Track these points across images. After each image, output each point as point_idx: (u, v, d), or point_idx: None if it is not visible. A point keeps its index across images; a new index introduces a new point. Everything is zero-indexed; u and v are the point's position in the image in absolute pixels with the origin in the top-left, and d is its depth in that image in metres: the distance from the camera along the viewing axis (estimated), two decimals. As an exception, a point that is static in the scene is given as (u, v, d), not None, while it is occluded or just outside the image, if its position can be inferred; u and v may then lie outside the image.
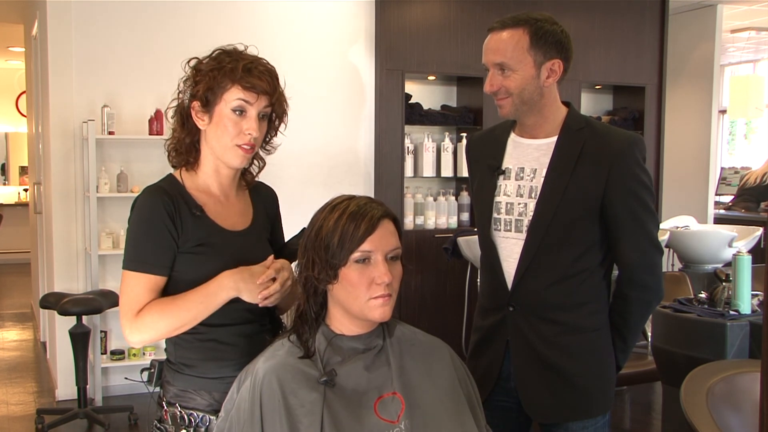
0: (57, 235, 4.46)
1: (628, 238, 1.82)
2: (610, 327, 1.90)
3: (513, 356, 1.89)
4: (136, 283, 1.58)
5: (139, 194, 1.64)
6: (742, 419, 2.14)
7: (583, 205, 1.80)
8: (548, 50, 1.79)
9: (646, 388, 4.53)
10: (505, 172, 1.89)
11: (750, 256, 2.96)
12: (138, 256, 1.59)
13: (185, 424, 1.64)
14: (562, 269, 1.83)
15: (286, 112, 1.70)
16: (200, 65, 1.63)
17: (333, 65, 5.01)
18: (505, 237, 1.88)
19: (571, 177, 1.79)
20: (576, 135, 1.83)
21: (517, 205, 1.86)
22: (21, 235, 9.09)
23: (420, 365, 1.56)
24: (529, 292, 1.84)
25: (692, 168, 6.60)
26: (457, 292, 5.08)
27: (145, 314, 1.57)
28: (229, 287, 1.58)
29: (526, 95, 1.80)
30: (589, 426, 1.87)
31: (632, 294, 1.86)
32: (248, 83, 1.58)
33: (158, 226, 1.59)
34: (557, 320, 1.84)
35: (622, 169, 1.78)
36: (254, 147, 1.64)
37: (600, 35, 5.58)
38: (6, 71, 10.03)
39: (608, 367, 1.90)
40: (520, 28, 1.78)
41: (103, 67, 4.45)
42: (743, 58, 8.80)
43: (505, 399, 1.93)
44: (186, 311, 1.57)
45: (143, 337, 1.60)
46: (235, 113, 1.60)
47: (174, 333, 1.60)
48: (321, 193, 4.60)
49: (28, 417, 4.20)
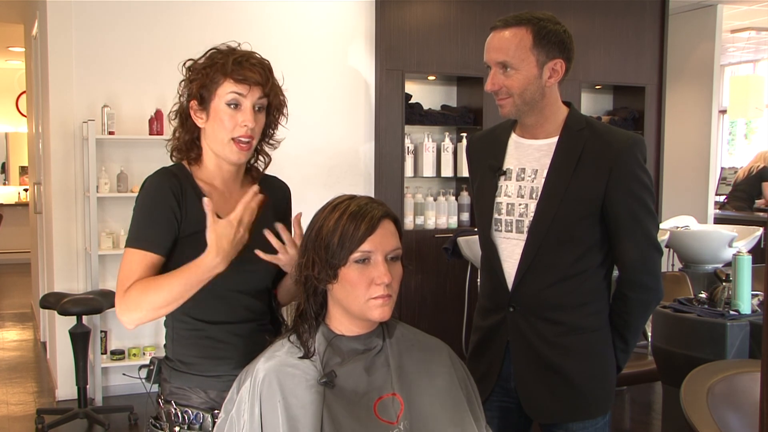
0: (57, 235, 4.46)
1: (628, 239, 1.82)
2: (611, 328, 1.90)
3: (513, 356, 1.89)
4: (132, 260, 1.58)
5: (150, 175, 1.64)
6: (742, 419, 2.14)
7: (584, 205, 1.80)
8: (551, 50, 1.78)
9: (646, 388, 4.53)
10: (506, 173, 1.89)
11: (750, 256, 2.96)
12: (138, 234, 1.60)
13: (179, 421, 1.64)
14: (562, 270, 1.82)
15: (285, 104, 1.69)
16: (194, 65, 1.65)
17: (333, 65, 5.01)
18: (506, 237, 1.88)
19: (572, 177, 1.79)
20: (577, 135, 1.82)
21: (518, 206, 1.86)
22: (21, 235, 9.09)
23: (419, 366, 1.56)
24: (530, 292, 1.84)
25: (692, 168, 6.60)
26: (457, 292, 5.08)
27: (131, 291, 1.55)
28: (212, 250, 1.52)
29: (528, 95, 1.79)
30: (590, 426, 1.87)
31: (632, 294, 1.86)
32: (240, 75, 1.59)
33: (163, 207, 1.59)
34: (558, 320, 1.84)
35: (623, 170, 1.78)
36: (252, 140, 1.64)
37: (600, 35, 5.58)
38: (6, 71, 10.03)
39: (608, 367, 1.90)
40: (523, 27, 1.77)
41: (103, 67, 4.45)
42: (743, 58, 8.80)
43: (505, 399, 1.93)
44: (169, 289, 1.53)
45: (132, 316, 1.56)
46: (230, 107, 1.60)
47: (160, 311, 1.55)
48: (321, 193, 4.58)
49: (28, 417, 4.20)
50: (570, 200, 1.79)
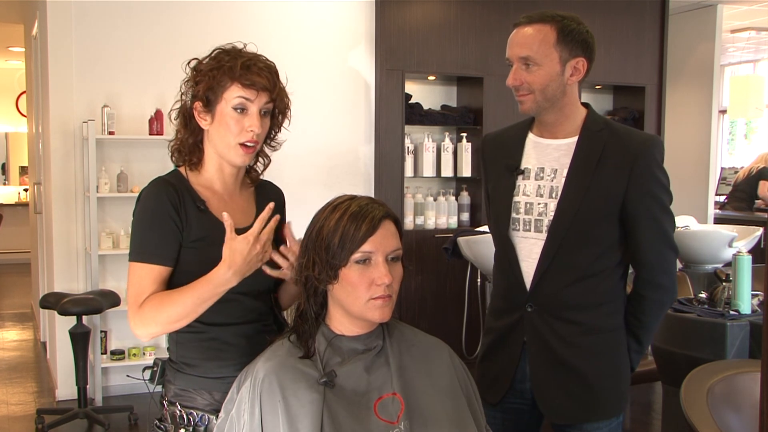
0: (57, 235, 4.46)
1: (646, 239, 1.82)
2: (625, 328, 1.89)
3: (530, 357, 1.88)
4: (141, 274, 1.58)
5: (145, 187, 1.64)
6: (742, 419, 2.14)
7: (604, 205, 1.80)
8: (574, 48, 1.79)
9: (646, 388, 4.53)
10: (524, 172, 1.89)
11: (750, 256, 2.96)
12: (143, 248, 1.59)
13: (184, 423, 1.64)
14: (581, 269, 1.82)
15: (289, 107, 1.69)
16: (200, 65, 1.63)
17: (333, 65, 5.01)
18: (524, 237, 1.87)
19: (592, 177, 1.79)
20: (597, 136, 1.83)
21: (537, 205, 1.85)
22: (21, 235, 9.09)
23: (420, 366, 1.57)
24: (548, 292, 1.84)
25: (692, 168, 6.60)
26: (457, 292, 5.08)
27: (146, 306, 1.56)
28: (225, 265, 1.53)
29: (550, 92, 1.79)
30: (604, 427, 1.87)
31: (648, 294, 1.86)
32: (248, 80, 1.58)
33: (163, 218, 1.59)
34: (575, 320, 1.84)
35: (643, 170, 1.79)
36: (257, 144, 1.64)
37: (600, 35, 5.52)
38: (6, 71, 10.03)
39: (623, 367, 1.89)
40: (547, 24, 1.79)
41: (103, 67, 4.45)
42: (743, 58, 8.80)
43: (518, 400, 1.92)
44: (183, 303, 1.54)
45: (149, 331, 1.57)
46: (237, 111, 1.60)
47: (176, 325, 1.57)
48: (321, 193, 4.59)
49: (28, 417, 4.20)
50: (590, 200, 1.79)
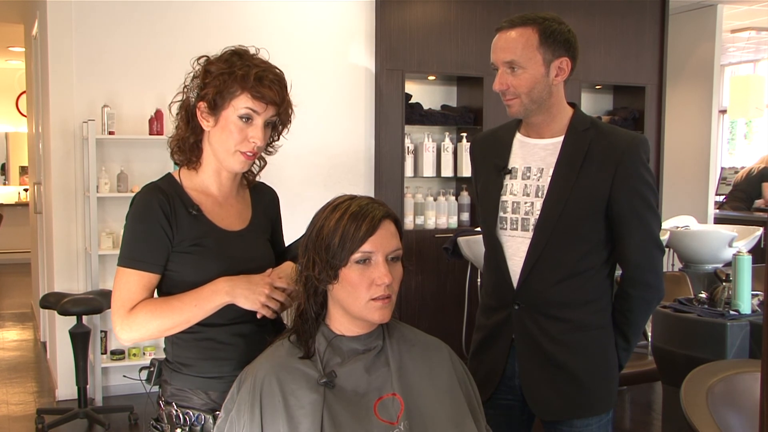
0: (57, 235, 4.46)
1: (632, 237, 1.84)
2: (613, 326, 1.91)
3: (518, 354, 1.90)
4: (129, 280, 1.59)
5: (137, 193, 1.65)
6: (742, 419, 2.13)
7: (590, 203, 1.82)
8: (557, 48, 1.81)
9: (646, 388, 4.53)
10: (512, 172, 1.91)
11: (750, 256, 2.96)
12: (132, 254, 1.60)
13: (180, 423, 1.64)
14: (568, 267, 1.84)
15: (291, 120, 1.69)
16: (210, 66, 1.62)
17: (333, 65, 5.01)
18: (511, 236, 1.89)
19: (578, 176, 1.82)
20: (582, 135, 1.85)
21: (524, 204, 1.88)
22: (21, 235, 9.09)
23: (420, 366, 1.57)
24: (535, 289, 1.86)
25: (692, 168, 6.60)
26: (457, 292, 5.08)
27: (138, 313, 1.57)
28: (224, 292, 1.58)
29: (536, 94, 1.82)
30: (593, 423, 1.89)
31: (635, 292, 1.88)
32: (258, 93, 1.58)
33: (153, 224, 1.59)
34: (562, 318, 1.86)
35: (628, 169, 1.81)
36: (257, 154, 1.65)
37: (600, 35, 5.58)
38: (6, 71, 10.03)
39: (612, 364, 1.92)
40: (529, 27, 1.80)
41: (103, 67, 4.45)
42: (743, 58, 8.80)
43: (508, 397, 1.94)
44: (179, 313, 1.57)
45: (133, 336, 1.59)
46: (242, 120, 1.60)
47: (165, 334, 1.61)
48: (321, 193, 4.60)
49: (28, 417, 4.20)
50: (576, 198, 1.81)
